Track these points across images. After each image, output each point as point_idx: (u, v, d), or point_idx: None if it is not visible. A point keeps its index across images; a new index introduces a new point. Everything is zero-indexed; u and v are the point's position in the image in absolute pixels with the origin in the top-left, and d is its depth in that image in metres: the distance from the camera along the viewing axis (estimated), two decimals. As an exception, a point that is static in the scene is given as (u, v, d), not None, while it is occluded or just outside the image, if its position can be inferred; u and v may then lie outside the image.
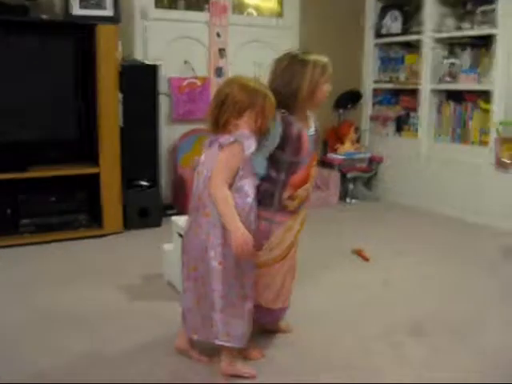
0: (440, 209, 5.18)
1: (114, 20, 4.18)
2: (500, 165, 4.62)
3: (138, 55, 4.82)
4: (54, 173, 4.14)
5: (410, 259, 3.90)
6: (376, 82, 6.02)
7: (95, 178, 4.26)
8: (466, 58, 5.11)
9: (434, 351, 2.58)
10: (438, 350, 2.60)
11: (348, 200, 5.65)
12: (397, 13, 5.78)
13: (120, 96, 4.27)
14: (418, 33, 5.42)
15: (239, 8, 5.51)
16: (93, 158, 4.30)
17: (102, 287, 3.28)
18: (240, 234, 2.18)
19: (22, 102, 4.07)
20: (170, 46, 5.02)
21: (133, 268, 3.59)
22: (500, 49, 4.66)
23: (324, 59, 2.54)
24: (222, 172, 2.22)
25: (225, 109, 2.27)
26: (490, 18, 4.78)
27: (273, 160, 2.43)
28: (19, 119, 4.08)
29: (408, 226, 4.81)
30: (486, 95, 4.85)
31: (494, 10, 4.74)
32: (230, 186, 2.23)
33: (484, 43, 4.93)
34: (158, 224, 4.53)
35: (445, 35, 5.19)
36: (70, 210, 4.32)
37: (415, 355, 2.55)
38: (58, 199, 4.27)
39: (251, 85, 2.31)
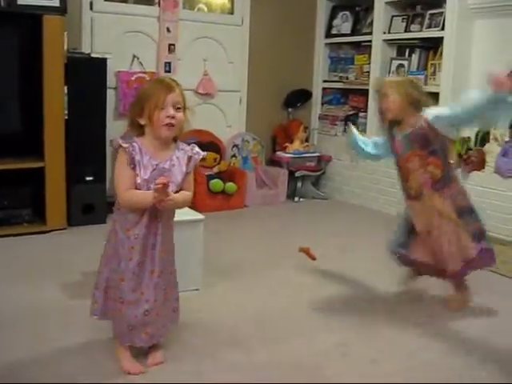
0: (387, 208, 5.23)
1: (60, 10, 4.08)
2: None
3: (85, 48, 4.72)
4: (-5, 166, 4.02)
5: (358, 258, 3.92)
6: (326, 81, 6.05)
7: (39, 172, 4.16)
8: (414, 59, 5.16)
9: (378, 351, 2.59)
10: (382, 349, 2.61)
11: (296, 199, 5.65)
12: (348, 13, 5.83)
13: (65, 89, 4.17)
14: (368, 33, 5.47)
15: (190, 3, 5.45)
16: (37, 151, 4.19)
17: (43, 284, 3.19)
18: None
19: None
20: (119, 40, 4.94)
21: (76, 265, 3.50)
22: (447, 51, 4.73)
23: None
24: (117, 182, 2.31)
25: None
26: (438, 21, 4.85)
27: None
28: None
29: (355, 225, 4.84)
30: (434, 97, 4.89)
31: (442, 14, 4.80)
32: None
33: (432, 46, 4.99)
34: (103, 221, 4.45)
35: (394, 37, 5.25)
36: (13, 206, 4.19)
37: (360, 354, 2.56)
38: (1, 194, 4.13)
39: None
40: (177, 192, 2.26)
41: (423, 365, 2.47)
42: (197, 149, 2.35)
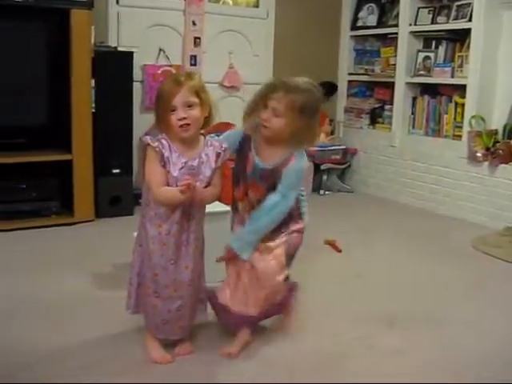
0: (413, 201, 5.21)
1: (87, 5, 4.11)
2: (472, 158, 4.65)
3: (112, 41, 4.76)
4: (23, 159, 4.06)
5: (382, 251, 3.92)
6: (351, 74, 6.03)
7: (67, 164, 4.21)
8: (440, 51, 5.12)
9: (405, 342, 2.59)
10: (407, 341, 2.61)
11: (321, 192, 5.65)
12: (373, 5, 5.80)
13: (92, 82, 4.21)
14: (394, 26, 5.43)
15: (215, -4, 5.48)
16: (65, 144, 4.23)
17: (71, 275, 3.23)
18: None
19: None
20: (145, 33, 4.97)
21: (103, 256, 3.55)
22: (474, 43, 4.69)
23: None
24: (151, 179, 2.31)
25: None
26: (465, 13, 4.80)
27: None
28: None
29: (381, 218, 4.83)
30: (461, 89, 4.87)
31: (469, 5, 4.76)
32: None
33: (459, 37, 4.95)
34: (130, 212, 4.49)
35: (420, 28, 5.21)
36: (41, 198, 4.24)
37: (385, 346, 2.56)
38: (29, 186, 4.19)
39: None
40: (205, 187, 2.27)
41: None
42: (225, 145, 2.33)
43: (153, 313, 2.31)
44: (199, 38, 5.20)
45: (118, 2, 4.84)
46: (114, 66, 4.36)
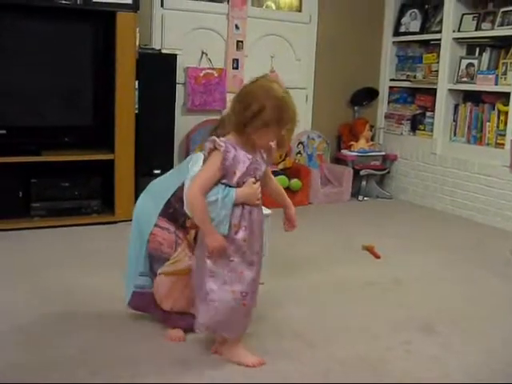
0: (452, 209, 5.16)
1: (132, 8, 4.17)
2: (515, 167, 4.60)
3: (156, 44, 4.82)
4: (67, 158, 4.16)
5: (421, 258, 3.89)
6: (393, 80, 6.00)
7: (110, 164, 4.28)
8: (484, 58, 5.07)
9: (443, 349, 2.57)
10: (446, 347, 2.59)
11: (360, 197, 5.63)
12: (416, 11, 5.76)
13: (136, 84, 4.27)
14: (437, 32, 5.40)
15: (258, 1, 5.50)
16: (108, 144, 4.31)
17: (109, 273, 3.26)
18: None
19: (39, 87, 4.09)
20: (188, 36, 5.02)
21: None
22: (520, 51, 4.63)
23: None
24: (199, 177, 2.24)
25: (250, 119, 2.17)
26: (511, 20, 4.75)
27: None
28: (36, 104, 4.11)
29: (420, 226, 4.79)
30: (504, 97, 4.81)
31: (515, 12, 4.71)
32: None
33: (503, 44, 4.89)
34: (169, 213, 4.52)
35: (464, 35, 5.17)
36: (83, 196, 4.32)
37: (424, 352, 2.54)
38: (72, 184, 4.28)
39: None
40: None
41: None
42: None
43: (234, 316, 2.29)
44: (242, 42, 5.24)
45: (162, 5, 4.90)
46: (157, 68, 4.43)
